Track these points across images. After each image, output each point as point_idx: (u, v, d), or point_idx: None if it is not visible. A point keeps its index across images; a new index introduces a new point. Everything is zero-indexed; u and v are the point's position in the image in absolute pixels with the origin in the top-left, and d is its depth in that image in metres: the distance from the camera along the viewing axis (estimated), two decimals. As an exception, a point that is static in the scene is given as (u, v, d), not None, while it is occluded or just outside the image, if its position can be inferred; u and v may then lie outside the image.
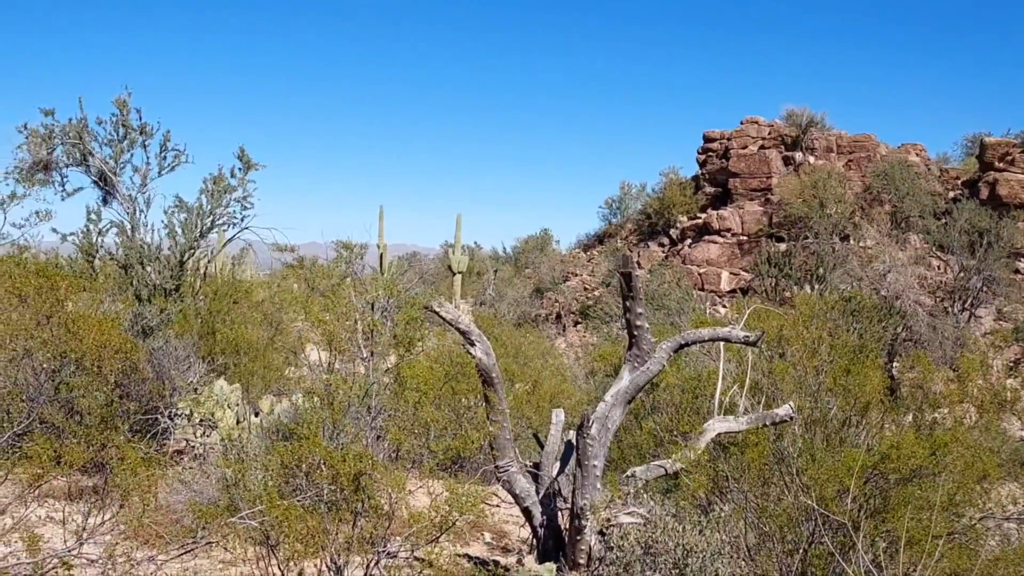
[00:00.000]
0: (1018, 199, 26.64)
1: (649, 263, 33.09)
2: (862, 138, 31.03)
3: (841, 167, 30.16)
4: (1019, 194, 26.75)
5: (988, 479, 6.44)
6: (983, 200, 26.92)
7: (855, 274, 24.08)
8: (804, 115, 31.94)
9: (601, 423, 6.54)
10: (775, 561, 6.42)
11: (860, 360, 6.70)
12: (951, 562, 6.04)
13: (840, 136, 31.32)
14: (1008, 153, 27.49)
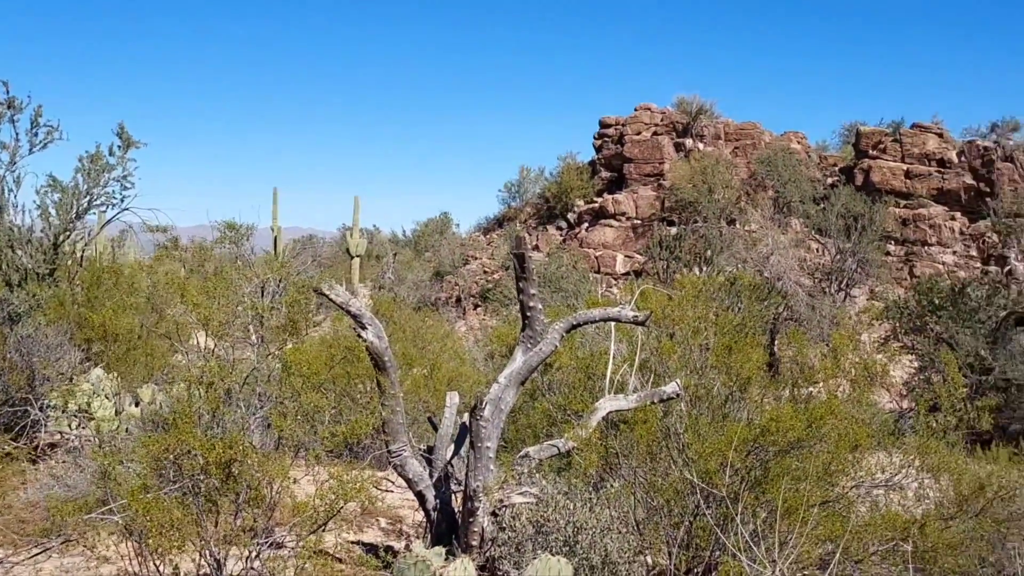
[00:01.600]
0: (889, 185, 28.28)
1: (547, 246, 33.46)
2: (748, 126, 32.23)
3: (728, 154, 31.25)
4: (890, 181, 28.41)
5: (859, 449, 6.80)
6: (858, 186, 28.46)
7: (741, 256, 25.05)
8: (694, 103, 32.89)
9: (494, 405, 6.55)
10: (662, 534, 6.62)
11: (740, 338, 6.96)
12: (825, 529, 6.37)
13: (727, 124, 32.43)
14: (881, 142, 29.14)
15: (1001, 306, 21.19)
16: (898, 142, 28.75)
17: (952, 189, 27.69)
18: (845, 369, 7.48)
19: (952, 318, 20.62)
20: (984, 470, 8.18)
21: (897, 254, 27.51)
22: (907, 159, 28.54)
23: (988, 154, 27.34)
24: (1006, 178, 26.57)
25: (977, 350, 19.80)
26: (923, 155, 28.35)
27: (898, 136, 28.86)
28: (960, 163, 27.86)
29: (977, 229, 26.96)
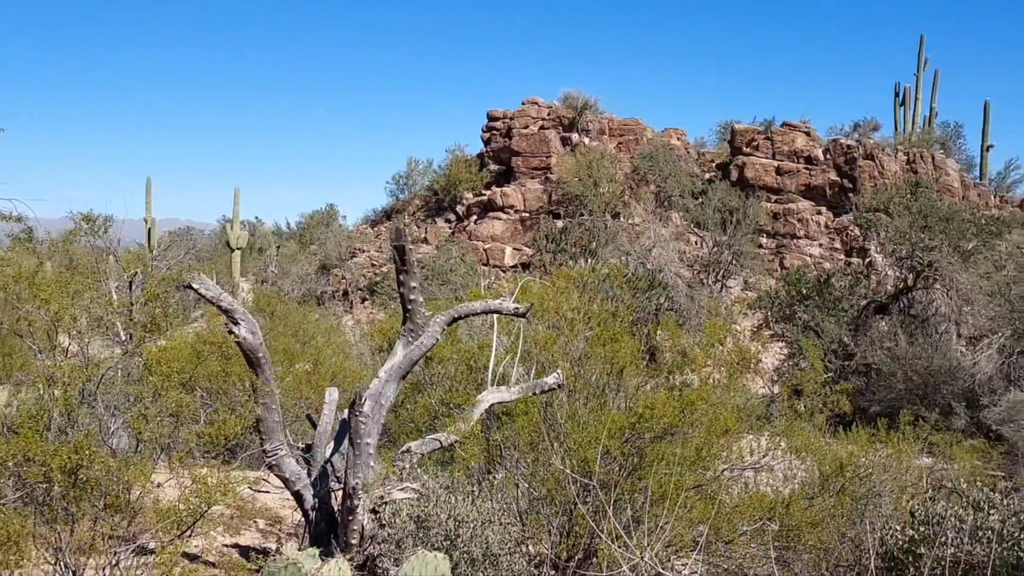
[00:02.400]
0: (762, 181, 29.65)
1: (436, 239, 33.29)
2: (631, 122, 33.05)
3: (613, 149, 31.95)
4: (763, 177, 29.79)
5: (730, 433, 7.08)
6: (733, 181, 29.69)
7: (625, 249, 25.66)
8: (580, 98, 33.40)
9: (374, 400, 6.44)
10: (545, 522, 6.69)
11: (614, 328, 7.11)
12: (699, 511, 6.61)
13: (612, 119, 33.14)
14: (754, 139, 30.49)
15: (862, 295, 22.61)
16: (770, 140, 30.18)
17: (818, 185, 29.31)
18: (717, 356, 7.76)
19: (818, 307, 21.83)
20: (845, 450, 8.66)
21: (769, 247, 28.89)
22: (778, 156, 30.01)
23: (851, 152, 29.08)
24: (867, 175, 28.35)
25: (841, 337, 21.05)
26: (792, 152, 29.88)
27: (770, 134, 30.29)
28: (826, 160, 29.53)
29: (841, 223, 28.66)
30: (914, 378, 18.58)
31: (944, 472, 10.36)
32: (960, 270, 20.02)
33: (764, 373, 21.99)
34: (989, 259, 20.40)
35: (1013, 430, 13.18)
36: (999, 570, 5.69)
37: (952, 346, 20.69)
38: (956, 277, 19.98)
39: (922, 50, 34.06)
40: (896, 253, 22.48)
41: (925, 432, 11.58)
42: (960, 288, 20.06)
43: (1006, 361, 18.03)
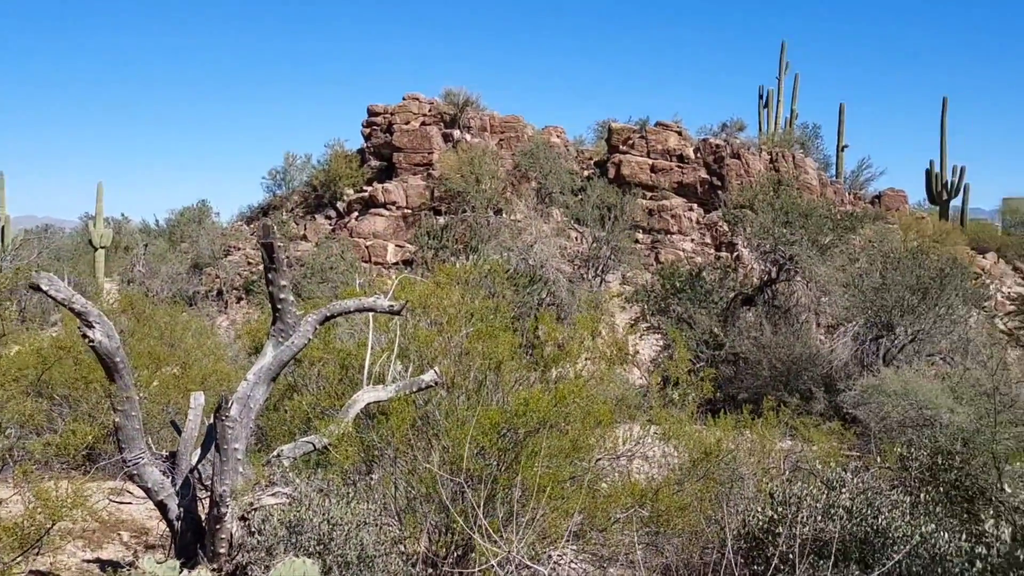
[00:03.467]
0: (637, 179, 30.59)
1: (316, 236, 32.54)
2: (512, 119, 33.34)
3: (494, 146, 32.15)
4: (638, 174, 30.72)
5: (603, 424, 7.25)
6: (611, 179, 30.48)
7: (507, 245, 25.87)
8: (461, 95, 33.43)
9: (242, 403, 6.22)
10: (423, 521, 6.66)
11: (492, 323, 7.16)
12: (575, 502, 6.75)
13: (493, 117, 33.33)
14: (629, 138, 31.40)
15: (731, 288, 23.69)
16: (644, 139, 31.16)
17: (690, 183, 30.50)
18: (590, 349, 7.93)
19: (690, 300, 22.71)
20: (713, 436, 9.04)
21: (645, 242, 29.84)
22: (652, 155, 31.02)
23: (719, 151, 30.41)
24: (734, 173, 29.72)
25: (711, 328, 21.97)
26: (665, 151, 30.96)
27: (644, 133, 31.26)
28: (696, 159, 30.76)
29: (711, 219, 29.94)
30: (778, 365, 19.65)
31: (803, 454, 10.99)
32: (818, 263, 21.28)
33: (641, 364, 22.75)
34: (844, 252, 21.78)
35: (865, 412, 14.13)
36: (849, 544, 6.08)
37: (812, 334, 22.01)
38: (815, 269, 21.23)
39: (783, 55, 36.02)
40: (761, 247, 23.67)
41: (786, 416, 12.27)
42: (818, 280, 21.33)
43: (860, 348, 19.32)
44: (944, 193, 35.76)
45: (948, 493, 6.77)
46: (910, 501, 6.33)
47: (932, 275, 18.64)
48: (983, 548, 5.55)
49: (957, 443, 7.38)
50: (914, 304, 18.36)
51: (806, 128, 35.28)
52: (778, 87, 35.52)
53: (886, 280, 19.11)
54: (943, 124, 36.53)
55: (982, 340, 17.69)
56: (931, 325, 18.18)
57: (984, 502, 6.74)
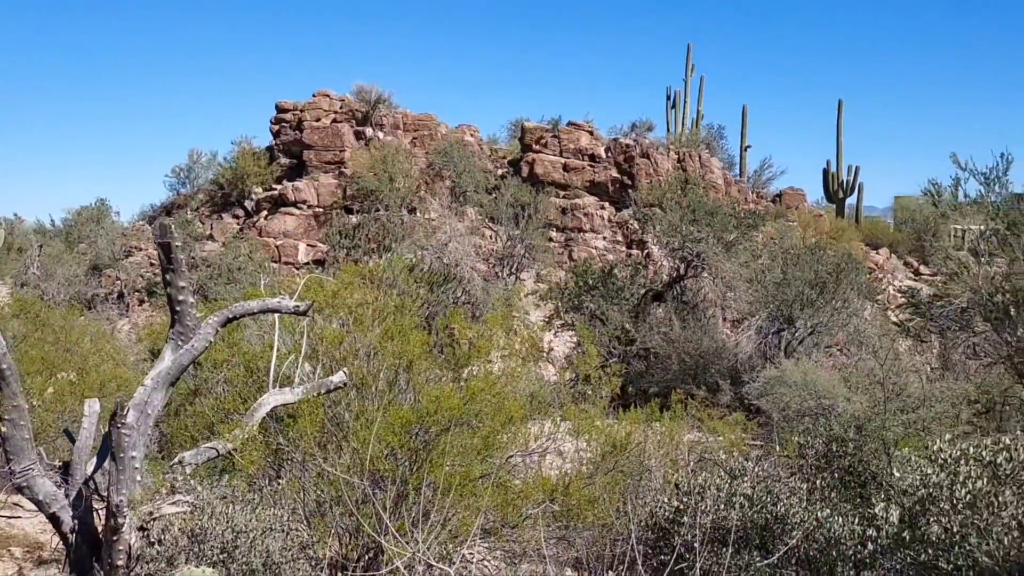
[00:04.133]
0: (551, 177, 30.87)
1: (223, 235, 31.59)
2: (425, 117, 33.12)
3: (408, 144, 31.87)
4: (551, 173, 31.01)
5: (514, 421, 7.30)
6: (524, 177, 30.67)
7: (421, 244, 25.74)
8: (373, 92, 32.99)
9: (139, 410, 5.99)
10: (333, 524, 6.56)
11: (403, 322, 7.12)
12: (489, 499, 6.77)
13: (406, 115, 33.03)
14: (542, 137, 31.66)
15: (641, 284, 24.21)
16: (557, 138, 31.48)
17: (602, 181, 30.99)
18: (501, 347, 7.98)
19: (603, 296, 23.11)
20: (623, 430, 9.23)
21: (559, 240, 30.16)
22: (564, 154, 31.37)
23: (629, 151, 31.00)
24: (644, 172, 30.35)
25: (623, 324, 22.42)
26: (578, 150, 31.36)
27: (557, 133, 31.58)
28: (607, 158, 31.28)
29: (622, 217, 30.51)
30: (686, 359, 20.21)
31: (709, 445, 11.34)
32: (724, 259, 21.97)
33: (556, 361, 23.01)
34: (748, 249, 22.56)
35: (768, 403, 14.67)
36: (750, 531, 6.31)
37: (718, 329, 22.72)
38: (720, 266, 21.91)
39: (689, 57, 37.00)
40: (670, 245, 24.28)
41: (693, 409, 12.63)
42: (724, 276, 22.03)
43: (763, 340, 20.06)
44: (840, 192, 37.45)
45: (842, 479, 7.10)
46: (807, 487, 6.61)
47: (829, 270, 19.51)
48: (873, 531, 5.85)
49: (850, 431, 7.75)
50: (813, 298, 19.17)
51: (711, 129, 36.34)
52: (685, 88, 36.47)
53: (787, 275, 19.90)
54: (839, 126, 38.23)
55: (875, 332, 18.61)
56: (829, 318, 19.03)
57: (876, 486, 7.10)
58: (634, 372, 22.19)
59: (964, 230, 17.21)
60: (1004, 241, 14.74)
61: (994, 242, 15.27)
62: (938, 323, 16.06)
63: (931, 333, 16.88)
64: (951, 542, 5.18)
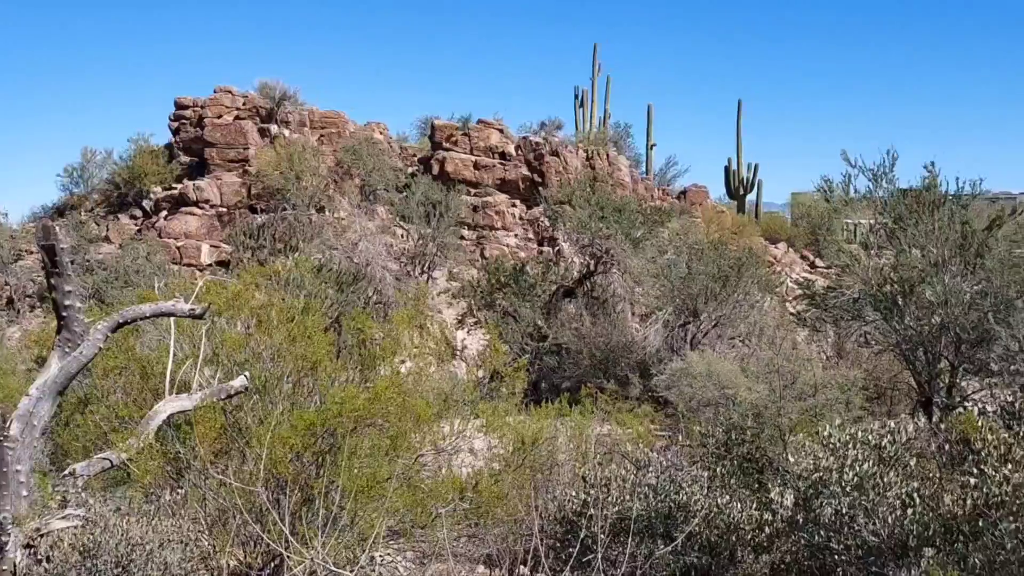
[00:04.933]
0: (461, 175, 30.84)
1: (120, 237, 30.26)
2: (332, 115, 32.54)
3: (315, 141, 31.25)
4: (462, 171, 30.99)
5: (424, 421, 7.25)
6: (435, 175, 30.54)
7: (330, 243, 25.30)
8: (278, 88, 32.21)
9: (24, 421, 5.68)
10: (235, 532, 6.38)
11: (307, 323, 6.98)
12: (398, 500, 6.71)
13: (312, 112, 32.37)
14: (453, 135, 31.60)
15: (553, 281, 24.47)
16: (467, 136, 31.46)
17: (512, 179, 31.15)
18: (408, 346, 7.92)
19: (515, 294, 23.25)
20: (537, 426, 9.31)
21: (470, 238, 30.17)
22: (475, 152, 31.39)
23: (539, 149, 31.28)
24: (553, 170, 30.67)
25: (535, 320, 22.62)
26: (488, 148, 31.43)
27: (467, 131, 31.56)
28: (518, 156, 31.47)
29: (533, 215, 30.75)
30: (597, 354, 20.54)
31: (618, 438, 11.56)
32: (631, 255, 22.44)
33: (469, 358, 23.01)
34: (654, 245, 23.10)
35: (674, 394, 15.05)
36: (654, 520, 6.46)
37: (628, 323, 23.19)
38: (628, 262, 22.37)
39: (596, 57, 37.62)
40: (580, 241, 24.63)
41: (602, 402, 12.86)
42: (632, 271, 22.50)
43: (670, 334, 20.59)
44: (741, 188, 38.79)
45: (741, 465, 7.36)
46: (708, 475, 6.82)
47: (731, 265, 20.17)
48: (769, 515, 6.08)
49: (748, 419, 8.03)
50: (716, 291, 19.79)
51: (618, 127, 37.06)
52: (592, 88, 37.04)
53: (692, 270, 20.48)
54: (738, 124, 39.61)
55: (774, 323, 19.35)
56: (731, 310, 19.69)
57: (773, 472, 7.38)
58: (546, 368, 22.43)
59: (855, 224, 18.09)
60: (892, 235, 15.56)
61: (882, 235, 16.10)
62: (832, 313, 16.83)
63: (826, 323, 17.67)
64: (841, 523, 5.43)
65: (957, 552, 5.03)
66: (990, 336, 13.19)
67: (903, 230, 14.96)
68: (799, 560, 5.81)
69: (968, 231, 14.51)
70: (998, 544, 4.98)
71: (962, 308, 13.56)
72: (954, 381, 14.32)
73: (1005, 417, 5.95)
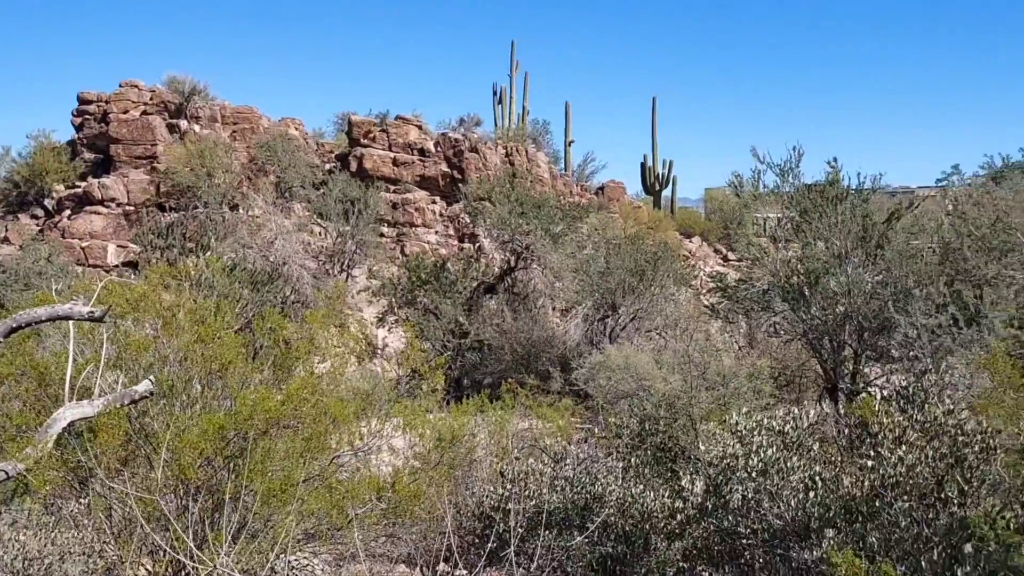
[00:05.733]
0: (380, 172, 30.50)
1: (20, 238, 28.80)
2: (245, 110, 31.70)
3: (227, 137, 30.41)
4: (380, 168, 30.65)
5: (340, 421, 7.15)
6: (353, 172, 30.12)
7: (245, 242, 24.69)
8: (187, 83, 31.23)
9: (-94, 434, 5.35)
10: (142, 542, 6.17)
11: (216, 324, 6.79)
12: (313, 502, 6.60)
13: (224, 107, 31.47)
14: (370, 131, 31.22)
15: (474, 277, 24.49)
16: (385, 132, 31.13)
17: (432, 176, 31.00)
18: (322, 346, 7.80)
19: (436, 291, 23.18)
20: (455, 423, 9.30)
21: (390, 235, 29.88)
22: (394, 148, 31.08)
23: (458, 145, 31.21)
24: (473, 167, 30.65)
25: (456, 317, 22.60)
26: (407, 145, 31.18)
27: (385, 127, 31.23)
28: (437, 153, 31.32)
29: (453, 211, 30.67)
30: (519, 349, 20.68)
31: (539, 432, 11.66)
32: (551, 251, 22.64)
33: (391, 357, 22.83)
34: (574, 240, 23.36)
35: (594, 387, 15.28)
36: (570, 513, 6.54)
37: (548, 318, 23.41)
38: (548, 257, 22.57)
39: (513, 54, 37.77)
40: (500, 238, 24.72)
41: (523, 397, 12.94)
42: (552, 266, 22.72)
43: (589, 328, 20.88)
44: (656, 184, 39.60)
45: (655, 455, 7.52)
46: (622, 466, 6.94)
47: (648, 259, 20.59)
48: (681, 502, 6.24)
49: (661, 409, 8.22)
50: (634, 285, 20.17)
51: (537, 124, 37.33)
52: (510, 84, 37.19)
53: (610, 265, 20.80)
54: (653, 122, 40.40)
55: (689, 315, 19.84)
56: (648, 304, 20.09)
57: (685, 460, 7.57)
58: (469, 364, 22.45)
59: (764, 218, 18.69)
60: (798, 228, 16.16)
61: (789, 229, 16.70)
62: (743, 305, 17.37)
63: (737, 314, 18.23)
64: (748, 508, 5.61)
65: (856, 532, 5.26)
66: (890, 324, 13.83)
67: (808, 223, 15.55)
68: (710, 545, 5.99)
69: (869, 224, 15.20)
70: (893, 523, 5.23)
71: (864, 298, 14.19)
72: (858, 368, 14.98)
73: (900, 401, 6.25)
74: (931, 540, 5.15)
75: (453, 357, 22.94)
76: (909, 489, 5.38)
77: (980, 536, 4.67)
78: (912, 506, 5.35)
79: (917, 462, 5.36)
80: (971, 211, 15.06)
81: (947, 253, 14.55)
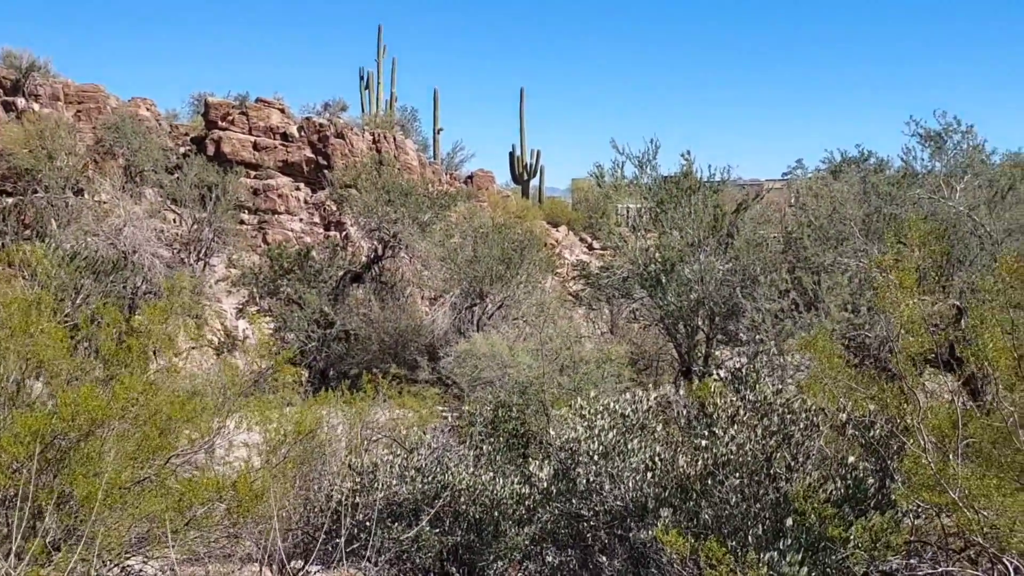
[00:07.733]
0: (239, 156, 29.24)
1: None
2: (90, 88, 29.59)
3: (70, 117, 28.34)
4: (239, 152, 29.38)
5: (174, 422, 6.78)
6: (210, 156, 28.71)
7: (91, 229, 23.13)
8: (25, 58, 28.87)
9: None
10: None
11: (35, 315, 6.28)
12: (146, 507, 6.22)
13: (67, 85, 29.28)
14: (229, 114, 29.86)
15: (340, 266, 23.99)
16: (245, 115, 29.84)
17: (296, 161, 30.01)
18: (164, 339, 7.38)
19: (300, 280, 22.54)
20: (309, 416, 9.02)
21: (251, 223, 28.73)
22: (254, 132, 29.86)
23: (323, 130, 30.34)
24: (339, 153, 29.89)
25: (322, 307, 22.08)
26: (269, 129, 30.02)
27: (245, 109, 29.93)
28: (301, 138, 30.34)
29: (319, 199, 29.84)
30: (386, 339, 20.43)
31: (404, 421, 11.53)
32: (419, 239, 22.47)
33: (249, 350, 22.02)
34: (442, 229, 23.26)
35: (460, 375, 15.29)
36: (420, 503, 6.48)
37: (416, 307, 23.26)
38: (416, 245, 22.39)
39: (380, 38, 37.11)
40: (367, 226, 24.33)
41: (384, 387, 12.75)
42: (420, 255, 22.55)
43: (457, 316, 20.87)
44: (524, 174, 40.01)
45: (508, 442, 7.58)
46: (474, 454, 6.94)
47: (515, 247, 20.77)
48: (528, 488, 6.30)
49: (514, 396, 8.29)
50: (502, 273, 20.31)
51: (405, 111, 36.84)
52: (377, 70, 36.53)
53: (477, 253, 20.84)
54: (521, 112, 40.75)
55: (555, 302, 20.17)
56: (515, 291, 20.28)
57: (537, 445, 7.67)
58: (334, 355, 21.99)
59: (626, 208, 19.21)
60: (655, 217, 16.72)
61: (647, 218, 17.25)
62: (605, 292, 17.83)
63: (600, 301, 18.69)
64: (591, 490, 5.73)
65: (690, 510, 5.48)
66: (738, 309, 14.54)
67: (665, 213, 16.12)
68: (557, 528, 6.08)
69: (720, 214, 15.92)
70: (724, 500, 5.48)
71: (715, 284, 14.85)
72: (710, 351, 15.69)
73: (734, 383, 6.54)
74: (759, 515, 5.42)
75: (318, 348, 22.39)
76: (740, 466, 5.64)
77: (800, 510, 4.95)
78: (743, 483, 5.61)
79: (747, 440, 5.62)
80: (811, 202, 16.01)
81: (789, 242, 15.43)
